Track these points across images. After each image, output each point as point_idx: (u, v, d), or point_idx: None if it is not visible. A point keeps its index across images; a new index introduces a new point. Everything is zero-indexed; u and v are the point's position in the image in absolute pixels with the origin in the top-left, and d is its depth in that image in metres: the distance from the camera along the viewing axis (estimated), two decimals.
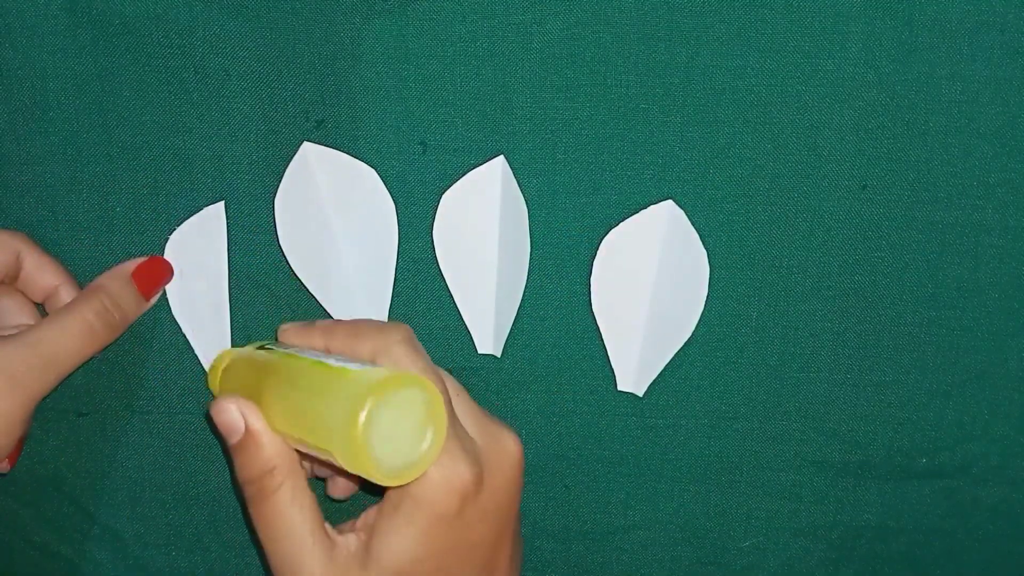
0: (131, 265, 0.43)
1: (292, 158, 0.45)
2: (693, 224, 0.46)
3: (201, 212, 0.45)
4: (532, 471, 0.47)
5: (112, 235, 0.45)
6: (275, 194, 0.45)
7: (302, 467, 0.38)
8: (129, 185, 0.45)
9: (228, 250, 0.45)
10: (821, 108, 0.45)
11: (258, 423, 0.37)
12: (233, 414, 0.37)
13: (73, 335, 0.40)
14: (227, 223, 0.45)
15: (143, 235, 0.45)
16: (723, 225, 0.46)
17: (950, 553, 0.49)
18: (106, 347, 0.42)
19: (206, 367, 0.46)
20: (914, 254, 0.46)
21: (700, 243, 0.46)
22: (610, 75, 0.45)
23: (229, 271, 0.45)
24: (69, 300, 0.43)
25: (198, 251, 0.45)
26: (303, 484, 0.37)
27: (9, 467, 0.43)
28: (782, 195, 0.46)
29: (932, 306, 0.47)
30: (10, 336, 0.39)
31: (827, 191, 0.46)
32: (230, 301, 0.45)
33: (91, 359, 0.42)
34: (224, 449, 0.46)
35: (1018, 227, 0.46)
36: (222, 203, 0.45)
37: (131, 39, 0.44)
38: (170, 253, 0.45)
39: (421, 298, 0.46)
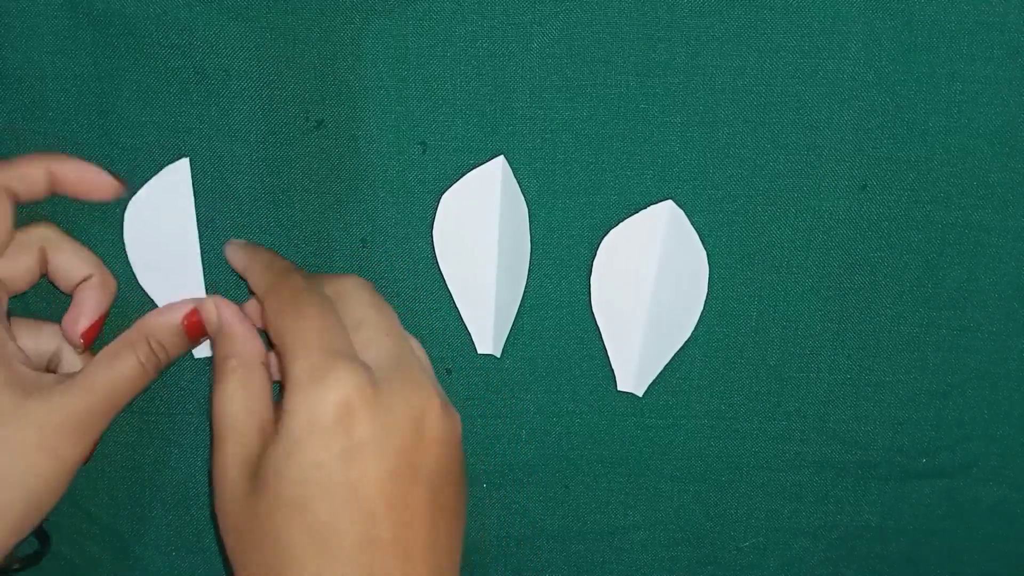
0: (181, 310, 0.42)
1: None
2: (693, 224, 0.46)
3: (162, 174, 0.44)
4: (532, 471, 0.47)
5: (112, 235, 0.45)
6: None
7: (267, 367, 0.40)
8: (129, 185, 0.45)
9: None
10: (821, 108, 0.45)
11: (230, 316, 0.40)
12: (209, 311, 0.41)
13: (128, 377, 0.40)
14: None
15: None
16: (723, 225, 0.46)
17: (950, 553, 0.49)
18: None
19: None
20: (914, 254, 0.46)
21: (700, 243, 0.46)
22: (610, 75, 0.45)
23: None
24: (100, 289, 0.42)
25: (165, 214, 0.44)
26: (259, 376, 0.39)
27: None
28: (782, 195, 0.46)
29: (932, 306, 0.47)
30: (67, 381, 0.39)
31: (827, 191, 0.46)
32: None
33: None
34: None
35: (1018, 227, 0.46)
36: (186, 160, 0.44)
37: (131, 39, 0.44)
38: (130, 223, 0.44)
39: (421, 298, 0.46)
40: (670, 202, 0.46)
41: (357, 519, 0.35)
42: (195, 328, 0.42)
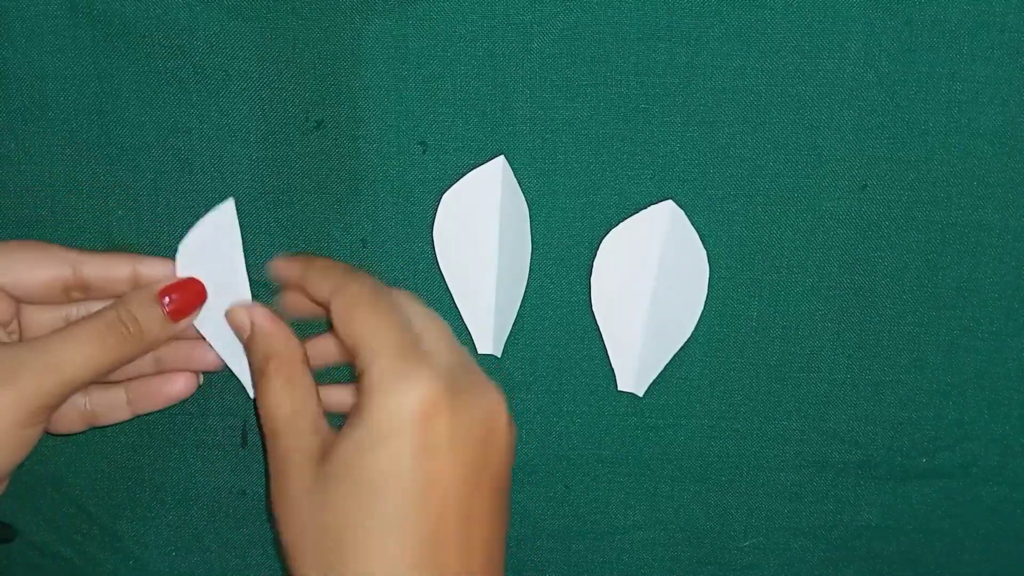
0: (160, 283, 0.41)
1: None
2: (693, 224, 0.46)
3: (210, 215, 0.42)
4: (532, 471, 0.47)
5: (112, 235, 0.45)
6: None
7: (306, 362, 0.40)
8: (129, 185, 0.45)
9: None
10: (821, 108, 0.45)
11: (262, 318, 0.40)
12: (240, 315, 0.41)
13: (81, 343, 0.38)
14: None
15: (143, 235, 0.45)
16: (723, 225, 0.46)
17: (950, 553, 0.49)
18: (127, 362, 0.40)
19: (235, 371, 0.44)
20: (914, 254, 0.46)
21: (700, 243, 0.46)
22: (610, 75, 0.45)
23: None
24: (154, 273, 0.41)
25: (213, 256, 0.42)
26: (302, 372, 0.39)
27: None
28: (782, 195, 0.46)
29: (932, 306, 0.47)
30: (21, 341, 0.39)
31: (827, 191, 0.46)
32: None
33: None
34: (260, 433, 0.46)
35: (1018, 227, 0.46)
36: (231, 201, 0.42)
37: (131, 39, 0.44)
38: (183, 260, 0.42)
39: (421, 298, 0.46)
40: (670, 202, 0.46)
41: (427, 515, 0.36)
42: (174, 299, 0.41)
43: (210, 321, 0.42)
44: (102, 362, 0.39)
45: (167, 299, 0.41)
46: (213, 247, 0.42)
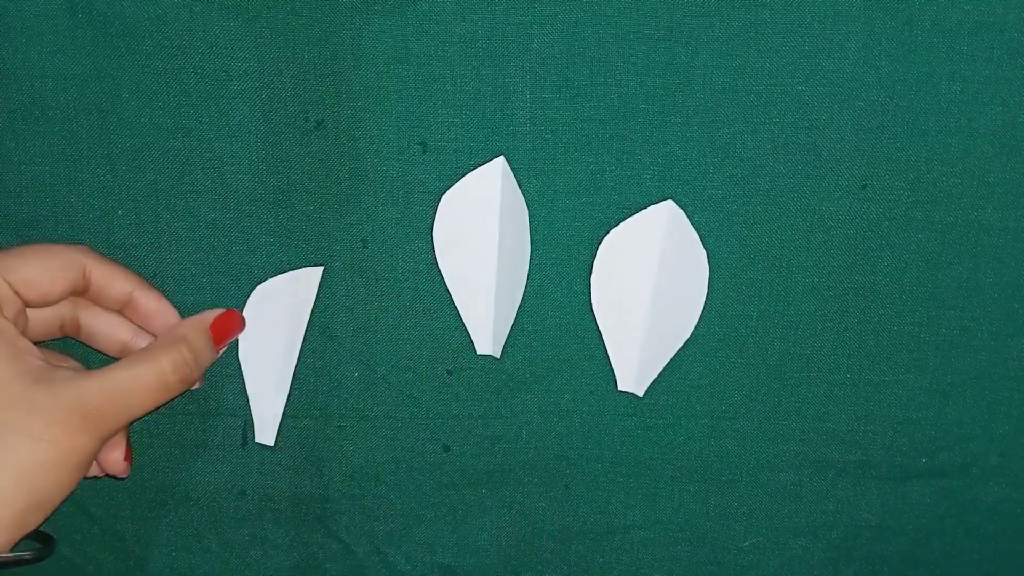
0: (209, 316, 0.43)
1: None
2: (693, 224, 0.46)
3: (296, 272, 0.46)
4: (532, 471, 0.47)
5: (112, 235, 0.45)
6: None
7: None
8: (129, 185, 0.45)
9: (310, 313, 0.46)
10: (821, 108, 0.45)
11: None
12: None
13: (147, 384, 0.40)
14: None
15: (143, 235, 0.45)
16: (723, 225, 0.46)
17: (950, 553, 0.49)
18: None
19: (253, 411, 0.46)
20: (914, 254, 0.46)
21: (700, 243, 0.46)
22: (610, 75, 0.45)
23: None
24: (147, 304, 0.43)
25: (282, 307, 0.46)
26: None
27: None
28: (782, 195, 0.46)
29: (932, 306, 0.47)
30: (88, 372, 0.39)
31: (827, 191, 0.46)
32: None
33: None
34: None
35: (1018, 227, 0.46)
36: (320, 268, 0.46)
37: (131, 39, 0.44)
38: (254, 301, 0.46)
39: (421, 298, 0.46)
40: (670, 202, 0.46)
41: None
42: (221, 330, 0.43)
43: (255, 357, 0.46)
44: (162, 401, 0.41)
45: (216, 330, 0.43)
46: (286, 299, 0.46)
